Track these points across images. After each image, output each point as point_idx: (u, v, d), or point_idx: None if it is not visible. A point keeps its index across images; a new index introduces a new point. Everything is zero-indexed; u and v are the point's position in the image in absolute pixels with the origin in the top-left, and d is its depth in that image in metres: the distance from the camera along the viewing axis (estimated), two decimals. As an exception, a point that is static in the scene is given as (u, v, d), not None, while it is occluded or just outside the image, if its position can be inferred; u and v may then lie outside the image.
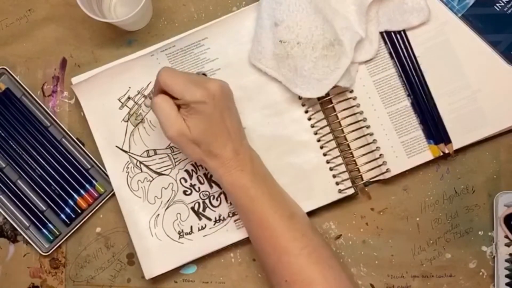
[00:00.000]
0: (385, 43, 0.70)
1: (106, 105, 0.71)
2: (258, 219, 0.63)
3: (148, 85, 0.71)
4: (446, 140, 0.69)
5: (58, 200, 0.72)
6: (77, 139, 0.72)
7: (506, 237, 0.68)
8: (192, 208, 0.70)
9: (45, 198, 0.72)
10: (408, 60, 0.69)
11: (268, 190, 0.64)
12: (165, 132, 0.61)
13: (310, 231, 0.64)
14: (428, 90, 0.69)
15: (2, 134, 0.72)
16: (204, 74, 0.68)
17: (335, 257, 0.65)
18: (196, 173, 0.70)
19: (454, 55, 0.70)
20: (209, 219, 0.70)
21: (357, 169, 0.70)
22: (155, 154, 0.71)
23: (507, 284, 0.68)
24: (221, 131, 0.62)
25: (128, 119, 0.71)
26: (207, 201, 0.70)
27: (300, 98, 0.70)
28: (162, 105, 0.61)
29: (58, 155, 0.72)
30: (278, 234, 0.62)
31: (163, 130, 0.62)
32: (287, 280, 0.61)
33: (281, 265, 0.62)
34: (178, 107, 0.61)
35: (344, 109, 0.70)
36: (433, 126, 0.69)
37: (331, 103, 0.70)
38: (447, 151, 0.69)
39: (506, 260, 0.68)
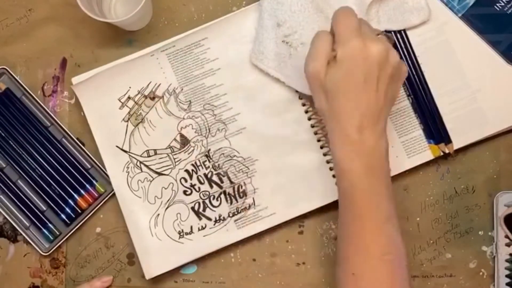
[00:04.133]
0: (385, 43, 0.70)
1: (106, 105, 0.71)
2: (352, 209, 0.59)
3: (148, 85, 0.71)
4: (447, 140, 0.69)
5: (58, 200, 0.72)
6: (77, 139, 0.72)
7: (506, 237, 0.68)
8: (192, 208, 0.70)
9: (45, 198, 0.72)
10: (408, 60, 0.69)
11: (375, 187, 0.59)
12: (306, 65, 0.58)
13: (399, 240, 0.60)
14: (429, 90, 0.69)
15: (2, 134, 0.72)
16: (389, 38, 0.60)
17: (409, 272, 0.60)
18: (196, 173, 0.70)
19: (454, 55, 0.70)
20: (209, 219, 0.70)
21: (357, 169, 0.70)
22: (155, 154, 0.71)
23: (507, 284, 0.68)
24: (354, 98, 0.56)
25: (128, 119, 0.71)
26: (207, 201, 0.70)
27: (300, 98, 0.70)
28: (320, 37, 0.57)
29: (58, 155, 0.72)
30: (367, 232, 0.58)
31: (305, 62, 0.58)
32: (354, 273, 0.58)
33: (356, 259, 0.59)
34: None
35: (344, 109, 0.70)
36: (433, 126, 0.69)
37: (331, 103, 0.70)
38: (447, 151, 0.69)
39: (506, 260, 0.68)
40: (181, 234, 0.70)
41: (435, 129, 0.69)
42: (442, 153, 0.69)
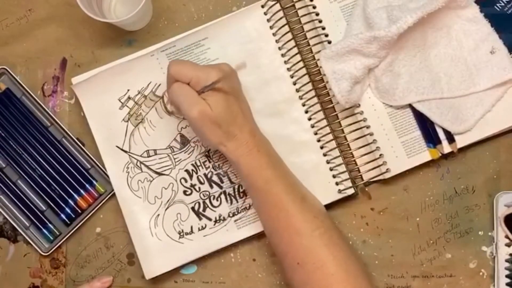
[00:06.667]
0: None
1: (106, 105, 0.71)
2: (272, 201, 0.63)
3: (148, 85, 0.71)
4: (450, 139, 0.68)
5: (58, 200, 0.72)
6: (77, 139, 0.72)
7: (507, 237, 0.68)
8: (192, 208, 0.70)
9: (45, 198, 0.72)
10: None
11: (281, 172, 0.65)
12: (188, 114, 0.62)
13: (321, 213, 0.65)
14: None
15: (2, 134, 0.72)
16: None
17: (345, 239, 0.65)
18: (197, 173, 0.70)
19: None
20: (209, 219, 0.70)
21: (357, 169, 0.70)
22: (155, 154, 0.71)
23: (507, 284, 0.68)
24: (238, 112, 0.63)
25: (128, 119, 0.71)
26: (207, 201, 0.70)
27: (300, 98, 0.70)
28: (180, 89, 0.62)
29: (58, 155, 0.72)
30: (291, 215, 0.63)
31: (185, 114, 0.62)
32: (299, 262, 0.61)
33: (293, 246, 0.62)
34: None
35: (344, 109, 0.70)
36: (432, 130, 0.69)
37: (331, 103, 0.70)
38: (445, 152, 0.68)
39: (506, 260, 0.68)
40: (181, 234, 0.70)
41: (433, 132, 0.69)
42: (441, 155, 0.69)
